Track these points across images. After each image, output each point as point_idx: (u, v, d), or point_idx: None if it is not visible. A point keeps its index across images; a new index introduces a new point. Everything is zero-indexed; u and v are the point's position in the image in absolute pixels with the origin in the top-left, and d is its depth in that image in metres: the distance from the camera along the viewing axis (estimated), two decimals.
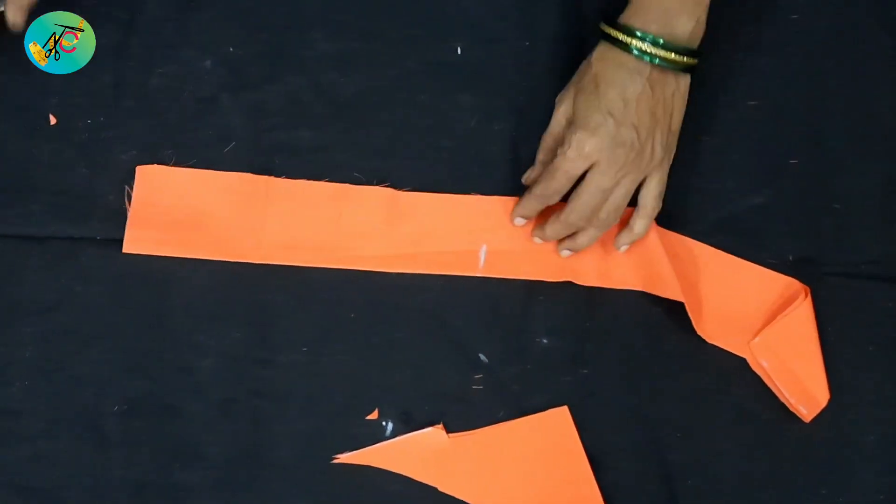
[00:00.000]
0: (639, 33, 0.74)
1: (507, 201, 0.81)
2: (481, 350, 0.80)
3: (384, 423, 0.79)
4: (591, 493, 0.79)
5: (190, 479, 0.78)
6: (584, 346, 0.81)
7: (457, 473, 0.79)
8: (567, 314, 0.81)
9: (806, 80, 0.84)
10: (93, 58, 0.80)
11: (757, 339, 0.80)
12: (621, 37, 0.74)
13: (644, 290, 0.80)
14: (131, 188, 0.80)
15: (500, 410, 0.80)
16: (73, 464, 0.78)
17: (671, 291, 0.79)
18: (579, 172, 0.75)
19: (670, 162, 0.77)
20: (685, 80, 0.77)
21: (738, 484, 0.80)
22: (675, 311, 0.81)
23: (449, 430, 0.79)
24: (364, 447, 0.79)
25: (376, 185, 0.81)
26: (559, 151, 0.75)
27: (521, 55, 0.83)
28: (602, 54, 0.76)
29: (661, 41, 0.74)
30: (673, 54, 0.74)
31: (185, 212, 0.80)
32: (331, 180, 0.81)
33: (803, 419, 0.80)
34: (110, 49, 0.81)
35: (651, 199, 0.77)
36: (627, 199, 0.76)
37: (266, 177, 0.80)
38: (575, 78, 0.78)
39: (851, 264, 0.82)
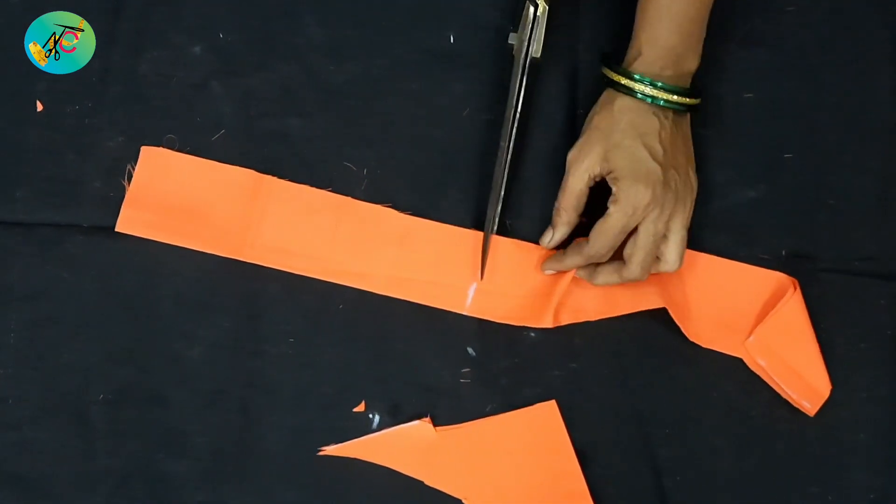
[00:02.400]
0: (659, 83, 0.74)
1: (506, 242, 0.80)
2: (469, 343, 0.80)
3: (371, 416, 0.79)
4: (578, 487, 0.78)
5: (176, 469, 0.78)
6: (573, 341, 0.80)
7: (444, 467, 0.78)
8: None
9: (801, 74, 0.83)
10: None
11: (751, 338, 0.79)
12: (638, 87, 0.74)
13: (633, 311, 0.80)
14: (133, 167, 0.79)
15: (488, 404, 0.79)
16: (58, 452, 0.78)
17: (655, 302, 0.79)
18: (635, 225, 0.74)
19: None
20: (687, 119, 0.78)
21: (728, 480, 0.79)
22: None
23: (436, 423, 0.79)
24: (351, 440, 0.78)
25: (367, 174, 0.80)
26: (611, 208, 0.74)
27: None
28: (621, 105, 0.75)
29: (673, 86, 0.74)
30: (683, 97, 0.75)
31: (184, 199, 0.79)
32: (321, 169, 0.80)
33: (807, 413, 0.79)
34: (99, 34, 0.80)
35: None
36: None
37: (270, 177, 0.80)
38: (593, 134, 0.75)
39: (845, 260, 0.81)
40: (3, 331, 0.78)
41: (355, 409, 0.79)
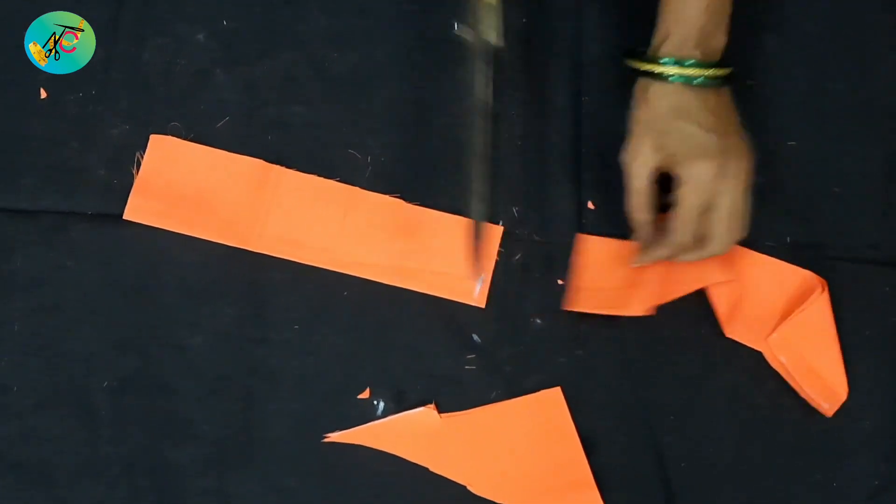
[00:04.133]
0: (687, 61, 0.72)
1: (593, 241, 0.80)
2: (474, 330, 0.79)
3: (376, 403, 0.79)
4: (582, 475, 0.78)
5: (181, 456, 0.78)
6: (579, 328, 0.80)
7: (448, 454, 0.78)
8: (561, 295, 0.80)
9: (806, 61, 0.83)
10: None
11: (774, 334, 0.79)
12: (669, 70, 0.72)
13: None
14: (141, 155, 0.79)
15: (493, 391, 0.79)
16: (62, 440, 0.78)
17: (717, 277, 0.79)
18: (709, 202, 0.72)
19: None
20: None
21: (731, 468, 0.79)
22: None
23: (441, 410, 0.79)
24: (355, 426, 0.78)
25: (371, 162, 0.80)
26: (681, 193, 0.72)
27: (517, 31, 0.82)
28: (656, 92, 0.73)
29: (702, 62, 0.73)
30: (716, 70, 0.73)
31: (192, 188, 0.79)
32: (325, 157, 0.80)
33: (825, 414, 0.79)
34: (102, 22, 0.80)
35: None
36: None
37: (278, 167, 0.80)
38: (638, 129, 0.74)
39: (850, 248, 0.81)
40: (7, 319, 0.78)
41: (360, 396, 0.79)
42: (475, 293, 0.79)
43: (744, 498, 0.79)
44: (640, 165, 0.74)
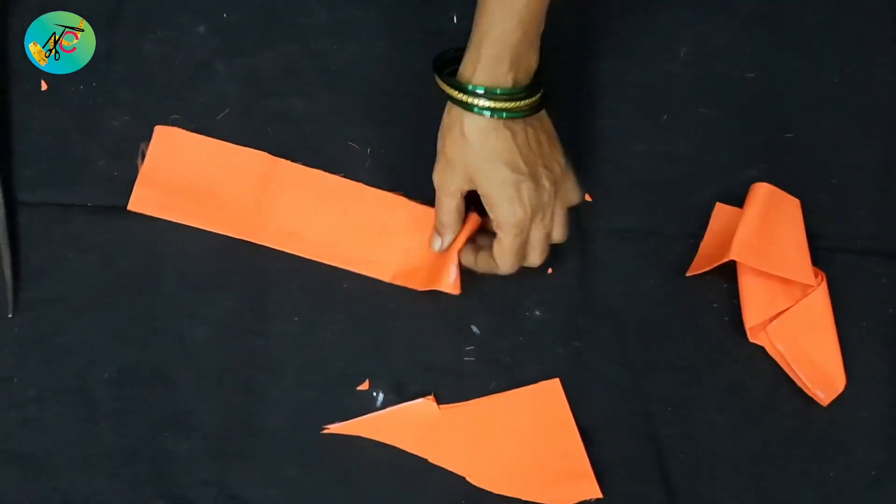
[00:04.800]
0: (498, 90, 0.70)
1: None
2: (473, 322, 0.80)
3: (375, 394, 0.79)
4: (581, 465, 0.78)
5: (181, 447, 0.78)
6: (577, 319, 0.80)
7: (447, 445, 0.79)
8: (560, 286, 0.80)
9: (804, 54, 0.83)
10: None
11: (773, 323, 0.80)
12: (477, 102, 0.70)
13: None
14: (145, 147, 0.79)
15: (492, 382, 0.80)
16: (63, 431, 0.78)
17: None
18: (527, 235, 0.73)
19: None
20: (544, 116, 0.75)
21: (730, 458, 0.79)
22: (668, 284, 0.81)
23: (440, 401, 0.79)
24: (355, 418, 0.79)
25: (370, 154, 0.81)
26: (498, 235, 0.73)
27: None
28: (469, 127, 0.71)
29: (512, 90, 0.71)
30: (524, 101, 0.71)
31: (196, 180, 0.80)
32: (325, 149, 0.81)
33: (821, 403, 0.79)
34: (103, 14, 0.81)
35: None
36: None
37: (283, 160, 0.80)
38: (452, 162, 0.72)
39: (847, 239, 0.81)
40: (8, 310, 0.78)
41: (359, 388, 0.79)
42: (451, 279, 0.79)
43: (741, 488, 0.79)
44: (453, 191, 0.74)
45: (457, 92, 0.71)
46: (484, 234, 0.77)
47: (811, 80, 0.83)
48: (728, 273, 0.80)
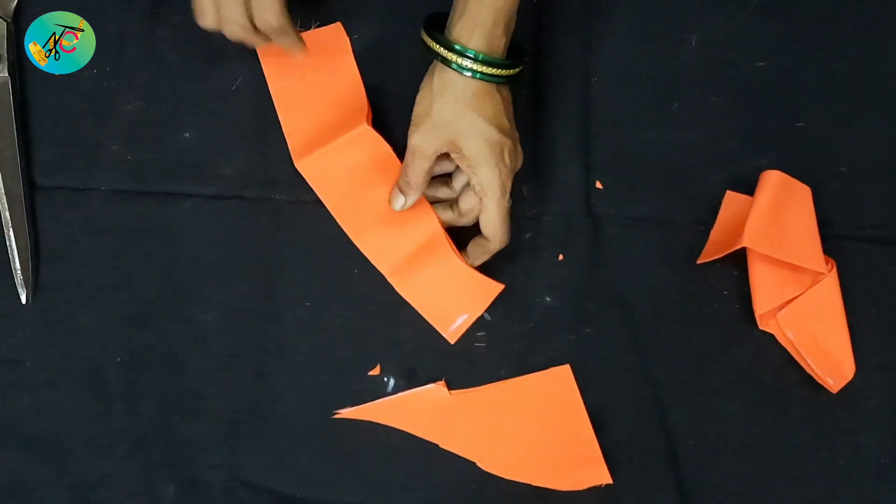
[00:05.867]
0: (469, 52, 0.71)
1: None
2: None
3: (386, 379, 0.79)
4: (591, 451, 0.79)
5: (192, 431, 0.78)
6: (587, 305, 0.80)
7: (458, 430, 0.79)
8: (570, 273, 0.81)
9: (815, 42, 0.83)
10: (99, 7, 0.80)
11: (783, 311, 0.80)
12: (466, 62, 0.71)
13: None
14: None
15: (503, 368, 0.80)
16: (75, 414, 0.78)
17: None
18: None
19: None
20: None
21: (739, 445, 0.80)
22: (678, 271, 0.81)
23: (451, 386, 0.79)
24: (366, 402, 0.79)
25: (387, 139, 0.80)
26: (487, 201, 0.74)
27: (527, 11, 0.83)
28: (459, 88, 0.72)
29: (495, 59, 0.72)
30: (513, 70, 0.73)
31: (315, 74, 0.81)
32: None
33: (830, 390, 0.79)
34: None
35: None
36: None
37: (371, 129, 0.79)
38: (436, 122, 0.73)
39: (858, 227, 0.82)
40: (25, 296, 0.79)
41: (370, 373, 0.79)
42: (452, 327, 0.79)
43: (750, 474, 0.79)
44: (431, 153, 0.74)
45: (454, 55, 0.71)
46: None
47: (822, 68, 0.83)
48: (738, 261, 0.80)
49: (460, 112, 0.72)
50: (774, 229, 0.78)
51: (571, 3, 0.82)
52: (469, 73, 0.71)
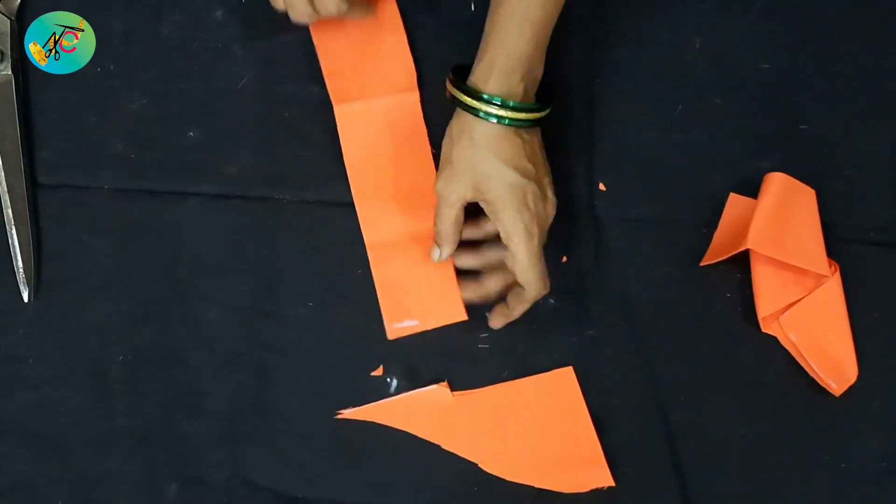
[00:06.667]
0: (511, 102, 0.71)
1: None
2: (488, 309, 0.80)
3: (389, 380, 0.79)
4: (594, 454, 0.79)
5: (194, 429, 0.78)
6: (591, 307, 0.80)
7: (460, 431, 0.79)
8: (574, 275, 0.81)
9: (819, 44, 0.83)
10: (103, 5, 0.80)
11: (786, 313, 0.80)
12: (492, 110, 0.71)
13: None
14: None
15: (505, 369, 0.80)
16: (77, 412, 0.78)
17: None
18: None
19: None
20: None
21: (741, 447, 0.80)
22: (681, 274, 0.81)
23: (453, 388, 0.79)
24: (368, 403, 0.79)
25: None
26: (515, 249, 0.72)
27: None
28: (480, 132, 0.71)
29: (523, 104, 0.71)
30: (535, 114, 0.72)
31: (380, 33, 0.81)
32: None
33: (833, 393, 0.79)
34: None
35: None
36: None
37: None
38: (458, 167, 0.72)
39: (860, 230, 0.82)
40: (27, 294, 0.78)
41: (373, 373, 0.79)
42: (397, 324, 0.79)
43: (753, 476, 0.79)
44: (455, 200, 0.73)
45: (470, 99, 0.71)
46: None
47: (826, 71, 0.83)
48: (741, 263, 0.80)
49: (480, 157, 0.72)
50: (778, 231, 0.78)
51: (576, 5, 0.82)
52: (483, 116, 0.71)
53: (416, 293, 0.79)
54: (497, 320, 0.77)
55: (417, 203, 0.79)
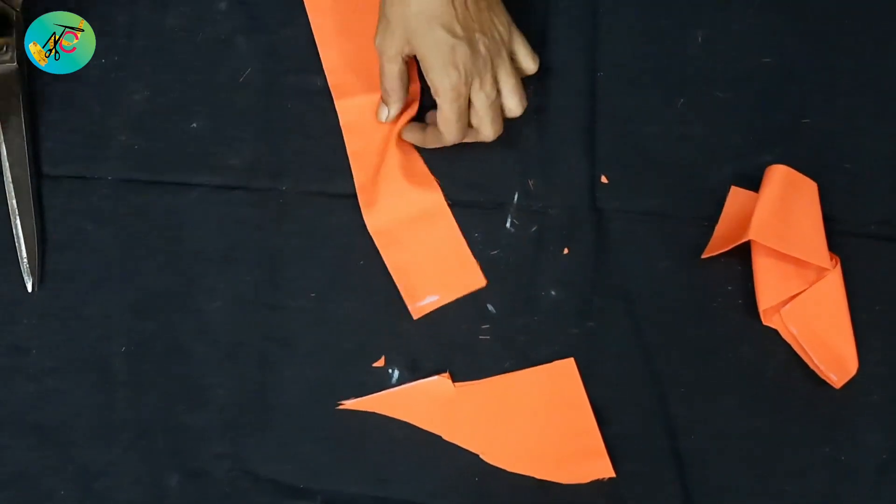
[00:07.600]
0: None
1: None
2: (489, 300, 0.80)
3: (390, 371, 0.79)
4: (595, 445, 0.79)
5: (196, 421, 0.78)
6: (592, 299, 0.81)
7: (462, 422, 0.79)
8: (575, 267, 0.81)
9: (820, 38, 0.83)
10: None
11: (787, 306, 0.80)
12: None
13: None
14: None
15: (507, 361, 0.80)
16: (79, 403, 0.78)
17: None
18: (466, 100, 0.74)
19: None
20: None
21: (742, 440, 0.80)
22: (683, 266, 0.81)
23: (455, 379, 0.79)
24: (370, 394, 0.79)
25: None
26: (438, 102, 0.74)
27: (534, 6, 0.83)
28: None
29: None
30: None
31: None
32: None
33: (833, 385, 0.79)
34: None
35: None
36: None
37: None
38: (391, 22, 0.73)
39: (861, 224, 0.82)
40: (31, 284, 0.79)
41: (375, 364, 0.79)
42: (420, 303, 0.80)
43: (753, 469, 0.79)
44: (393, 54, 0.75)
45: None
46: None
47: (827, 64, 0.83)
48: (742, 256, 0.80)
49: (407, 10, 0.72)
50: (780, 223, 0.78)
51: None
52: None
53: (431, 269, 0.80)
54: (408, 134, 0.80)
55: (418, 186, 0.79)
